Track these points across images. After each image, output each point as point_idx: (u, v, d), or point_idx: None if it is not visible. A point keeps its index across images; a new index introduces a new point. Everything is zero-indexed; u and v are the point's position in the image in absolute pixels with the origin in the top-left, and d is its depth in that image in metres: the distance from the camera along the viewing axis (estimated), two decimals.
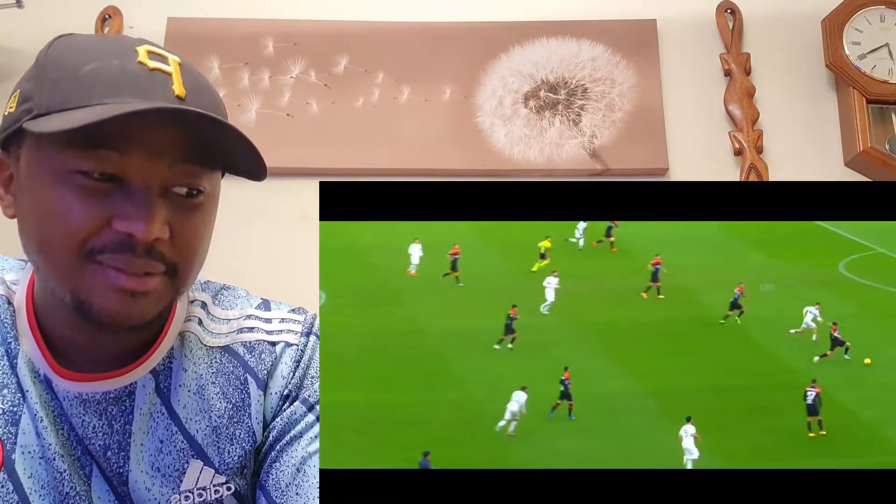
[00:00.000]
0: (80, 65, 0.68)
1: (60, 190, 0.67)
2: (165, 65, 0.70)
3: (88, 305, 0.69)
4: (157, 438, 0.78)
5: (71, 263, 0.68)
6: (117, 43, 0.71)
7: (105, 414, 0.76)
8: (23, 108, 0.69)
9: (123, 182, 0.68)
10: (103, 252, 0.67)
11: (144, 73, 0.68)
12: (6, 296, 0.78)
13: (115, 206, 0.67)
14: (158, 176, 0.69)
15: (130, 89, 0.67)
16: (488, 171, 1.88)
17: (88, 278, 0.68)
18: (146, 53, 0.70)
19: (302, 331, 0.88)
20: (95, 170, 0.66)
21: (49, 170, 0.67)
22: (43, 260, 0.69)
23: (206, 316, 0.86)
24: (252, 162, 0.72)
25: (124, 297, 0.69)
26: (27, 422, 0.74)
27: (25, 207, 0.70)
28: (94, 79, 0.67)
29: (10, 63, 1.94)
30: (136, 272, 0.68)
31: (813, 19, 1.96)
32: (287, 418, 0.83)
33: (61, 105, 0.66)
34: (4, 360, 0.75)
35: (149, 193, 0.68)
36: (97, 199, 0.67)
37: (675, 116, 1.92)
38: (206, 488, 0.79)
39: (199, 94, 0.71)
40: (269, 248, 1.82)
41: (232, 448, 0.81)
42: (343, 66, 1.93)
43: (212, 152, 0.72)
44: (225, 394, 0.82)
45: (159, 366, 0.80)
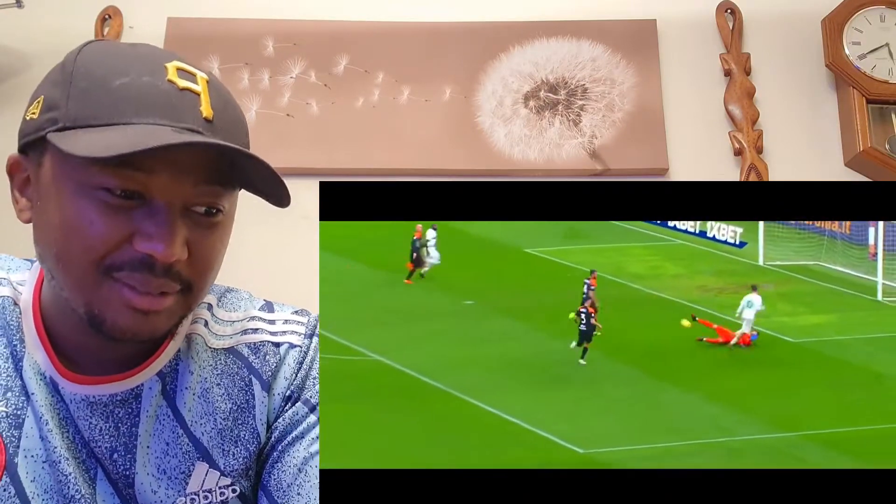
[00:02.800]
0: (111, 77, 0.67)
1: (83, 203, 0.67)
2: (194, 84, 0.70)
3: (101, 320, 0.69)
4: (163, 441, 0.78)
5: (88, 277, 0.68)
6: (147, 56, 0.71)
7: (112, 416, 0.76)
8: (47, 116, 0.68)
9: (146, 199, 0.68)
10: (122, 269, 0.67)
11: (175, 93, 0.68)
12: (12, 297, 0.78)
13: (137, 223, 0.67)
14: (182, 195, 0.69)
15: (160, 109, 0.67)
16: (488, 171, 1.88)
17: (104, 294, 0.68)
18: (176, 71, 0.70)
19: (305, 332, 0.88)
20: (120, 187, 0.66)
21: (73, 182, 0.67)
22: (60, 270, 0.69)
23: (212, 318, 0.86)
24: (276, 189, 0.72)
25: (137, 316, 0.69)
26: (31, 425, 0.74)
27: (45, 215, 0.70)
28: (124, 94, 0.67)
29: (10, 63, 1.94)
30: (152, 291, 0.69)
31: (813, 19, 1.96)
32: (289, 419, 0.83)
33: (89, 119, 0.66)
34: (9, 363, 0.75)
35: (171, 212, 0.68)
36: (120, 215, 0.67)
37: (675, 116, 1.92)
38: (212, 490, 0.79)
39: (224, 114, 0.72)
40: (269, 248, 1.82)
41: (237, 450, 0.81)
42: (343, 66, 1.93)
43: (234, 173, 0.73)
44: (230, 395, 0.82)
45: (166, 368, 0.80)
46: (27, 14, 1.92)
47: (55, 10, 1.98)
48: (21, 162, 0.73)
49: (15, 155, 0.74)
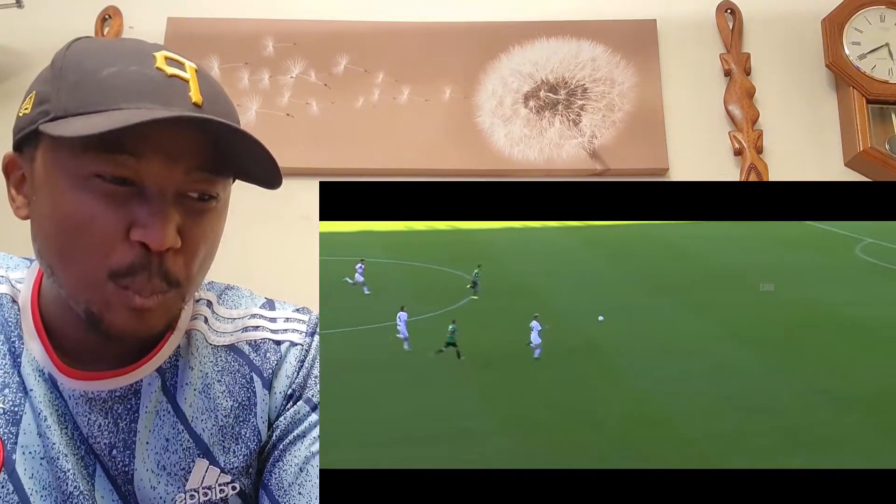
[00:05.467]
0: (100, 68, 0.68)
1: (79, 195, 0.67)
2: (183, 71, 0.70)
3: (99, 319, 0.69)
4: (162, 437, 0.78)
5: (90, 279, 0.68)
6: (135, 47, 0.71)
7: (111, 412, 0.76)
8: (39, 109, 0.69)
9: (139, 186, 0.68)
10: (126, 276, 0.68)
11: (163, 80, 0.69)
12: (11, 294, 0.78)
13: (133, 212, 0.67)
14: (174, 181, 0.69)
15: (149, 95, 0.67)
16: (488, 172, 1.88)
17: (105, 296, 0.69)
18: (164, 59, 0.70)
19: (307, 331, 0.88)
20: (112, 173, 0.67)
21: (66, 173, 0.67)
22: (61, 268, 0.69)
23: (212, 315, 0.86)
24: (267, 170, 0.73)
25: (134, 314, 0.70)
26: (29, 421, 0.74)
27: (42, 210, 0.70)
28: (113, 83, 0.67)
29: (11, 63, 1.94)
30: (149, 292, 0.69)
31: (813, 19, 1.96)
32: (290, 418, 0.83)
33: (79, 108, 0.66)
34: (7, 359, 0.75)
35: (164, 199, 0.68)
36: (116, 206, 0.67)
37: (675, 116, 1.92)
38: (212, 487, 0.79)
39: (215, 102, 0.72)
40: (269, 248, 1.82)
41: (237, 447, 0.81)
42: (343, 66, 1.93)
43: (227, 159, 0.72)
44: (231, 392, 0.82)
45: (165, 364, 0.80)
46: (27, 14, 1.92)
47: (55, 10, 1.98)
48: (16, 160, 0.74)
49: (10, 153, 0.74)
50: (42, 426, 0.74)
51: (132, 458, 0.76)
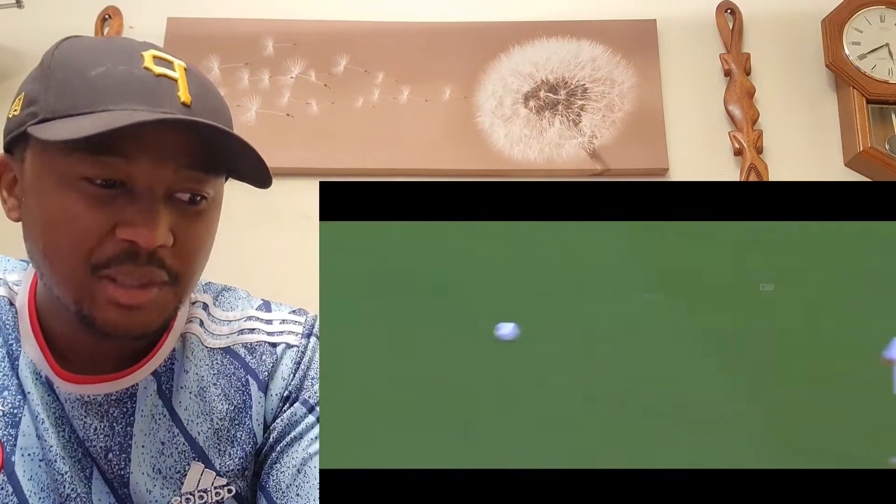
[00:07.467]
0: (88, 68, 0.67)
1: (65, 196, 0.66)
2: (171, 70, 0.70)
3: (91, 318, 0.69)
4: (158, 440, 0.78)
5: (76, 275, 0.68)
6: (123, 46, 0.71)
7: (106, 416, 0.76)
8: (28, 111, 0.69)
9: (128, 187, 0.68)
10: (108, 266, 0.67)
11: (151, 79, 0.68)
12: (8, 297, 0.78)
13: (120, 212, 0.67)
14: (163, 181, 0.69)
15: (137, 95, 0.67)
16: (488, 172, 1.88)
17: (91, 291, 0.68)
18: (152, 58, 0.70)
19: (303, 332, 0.88)
20: (101, 176, 0.66)
21: (54, 174, 0.67)
22: (48, 267, 0.69)
23: (208, 317, 0.86)
24: (257, 170, 0.72)
25: (123, 312, 0.69)
26: (28, 423, 0.74)
27: (31, 212, 0.70)
28: (101, 83, 0.67)
29: (10, 63, 1.94)
30: (137, 283, 0.68)
31: (813, 19, 1.96)
32: (287, 420, 0.83)
33: (68, 109, 0.66)
34: (5, 362, 0.75)
35: (153, 199, 0.68)
36: (102, 206, 0.67)
37: (675, 116, 1.92)
38: (207, 490, 0.79)
39: (204, 100, 0.71)
40: (269, 248, 1.82)
41: (233, 450, 0.81)
42: (343, 66, 1.93)
43: (217, 157, 0.72)
44: (226, 395, 0.82)
45: (161, 367, 0.80)
46: (27, 14, 1.92)
47: (55, 10, 1.98)
48: (7, 162, 0.74)
49: (1, 155, 0.74)
50: (40, 428, 0.74)
51: (128, 462, 0.76)
